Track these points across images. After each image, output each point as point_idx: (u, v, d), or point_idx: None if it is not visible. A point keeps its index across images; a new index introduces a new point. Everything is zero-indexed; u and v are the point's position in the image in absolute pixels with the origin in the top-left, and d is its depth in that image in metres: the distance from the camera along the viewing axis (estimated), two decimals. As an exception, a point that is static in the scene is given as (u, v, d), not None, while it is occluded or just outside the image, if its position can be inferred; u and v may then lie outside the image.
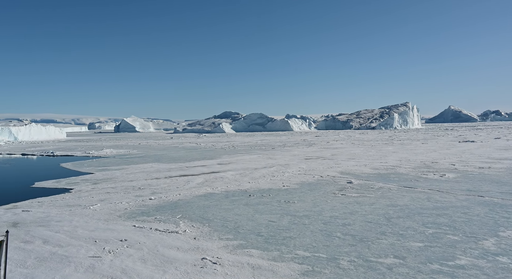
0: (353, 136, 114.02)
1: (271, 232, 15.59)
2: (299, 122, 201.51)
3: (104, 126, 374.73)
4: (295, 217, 18.11)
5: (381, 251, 13.01)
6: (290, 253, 13.04)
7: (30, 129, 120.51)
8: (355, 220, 17.20)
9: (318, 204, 20.96)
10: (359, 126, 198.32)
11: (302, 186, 27.07)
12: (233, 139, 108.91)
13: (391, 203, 20.71)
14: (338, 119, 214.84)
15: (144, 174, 35.35)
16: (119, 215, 19.43)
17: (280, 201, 21.86)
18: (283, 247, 13.73)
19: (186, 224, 17.24)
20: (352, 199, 22.16)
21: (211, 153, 60.38)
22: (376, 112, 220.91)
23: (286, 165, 40.43)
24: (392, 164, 39.88)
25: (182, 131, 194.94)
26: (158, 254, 13.36)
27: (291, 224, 16.86)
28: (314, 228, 16.11)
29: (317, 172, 34.72)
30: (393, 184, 27.03)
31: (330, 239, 14.47)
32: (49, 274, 11.81)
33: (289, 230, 15.82)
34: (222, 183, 29.41)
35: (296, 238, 14.69)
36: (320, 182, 28.72)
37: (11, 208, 21.66)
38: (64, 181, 32.33)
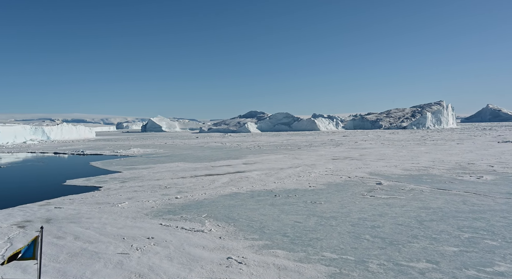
0: (382, 136, 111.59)
1: (297, 233, 15.53)
2: (326, 121, 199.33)
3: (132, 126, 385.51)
4: (322, 218, 17.96)
5: (413, 255, 12.68)
6: (316, 255, 12.95)
7: (62, 129, 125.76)
8: (385, 223, 16.85)
9: (346, 205, 20.68)
10: (389, 126, 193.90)
11: (329, 187, 26.79)
12: (259, 139, 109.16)
13: (424, 206, 20.13)
14: (367, 118, 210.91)
15: (170, 173, 36.08)
16: (146, 213, 19.94)
17: (306, 202, 21.73)
18: (309, 248, 13.66)
19: (211, 223, 17.47)
20: (382, 200, 21.71)
21: (236, 152, 60.79)
22: (408, 111, 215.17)
23: (313, 165, 40.12)
24: (424, 165, 38.74)
25: (208, 131, 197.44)
26: (184, 252, 13.61)
27: (318, 225, 16.73)
28: (341, 229, 15.91)
29: (344, 172, 34.24)
30: (426, 186, 26.25)
31: (358, 241, 14.25)
32: (80, 269, 12.29)
33: (315, 231, 15.71)
34: (247, 183, 29.57)
35: (323, 240, 14.57)
36: (348, 183, 28.31)
37: (44, 205, 22.69)
38: (94, 179, 33.51)
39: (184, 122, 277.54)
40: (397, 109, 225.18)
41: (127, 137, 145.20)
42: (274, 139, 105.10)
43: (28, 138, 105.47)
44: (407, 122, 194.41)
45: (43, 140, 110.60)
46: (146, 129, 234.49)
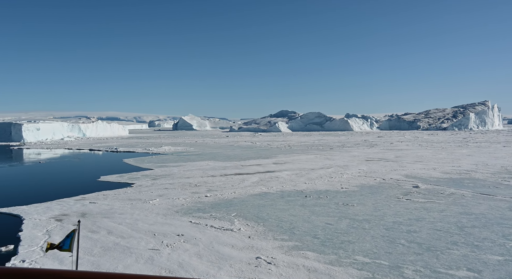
0: (420, 137, 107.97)
1: (328, 235, 15.36)
2: (360, 121, 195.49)
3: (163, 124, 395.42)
4: (354, 220, 17.65)
5: (452, 262, 12.20)
6: (348, 258, 12.76)
7: (97, 126, 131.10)
8: (422, 227, 16.32)
9: (380, 208, 20.22)
10: (427, 127, 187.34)
11: (362, 189, 26.27)
12: (289, 139, 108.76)
13: (465, 211, 19.32)
14: (404, 118, 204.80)
15: (200, 172, 36.70)
16: (177, 210, 20.41)
17: (338, 204, 21.44)
18: (340, 251, 13.47)
19: (240, 223, 17.62)
20: (419, 204, 21.03)
21: (267, 152, 60.88)
22: (448, 111, 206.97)
23: (345, 166, 39.49)
24: (466, 168, 37.14)
25: (238, 130, 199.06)
26: (213, 250, 13.82)
27: (350, 227, 16.47)
28: (375, 233, 15.57)
29: (379, 174, 33.46)
30: (467, 190, 25.16)
31: (393, 246, 13.89)
32: (113, 263, 12.78)
33: (347, 234, 15.47)
34: (277, 182, 29.56)
35: (355, 243, 14.33)
36: (382, 185, 27.64)
37: (80, 200, 23.76)
38: (126, 176, 34.68)
39: (214, 121, 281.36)
40: (437, 109, 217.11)
41: (159, 135, 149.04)
42: (305, 139, 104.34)
43: (65, 135, 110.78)
44: (448, 123, 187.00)
45: (79, 137, 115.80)
46: (177, 128, 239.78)
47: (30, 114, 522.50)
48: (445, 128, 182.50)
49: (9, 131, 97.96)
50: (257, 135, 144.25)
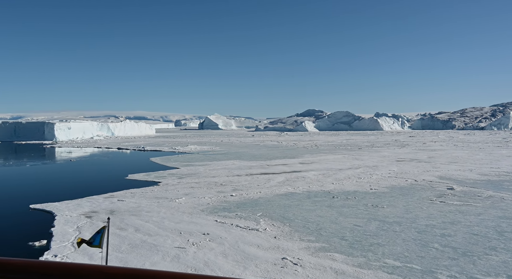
0: (455, 137, 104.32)
1: (357, 237, 15.09)
2: (390, 121, 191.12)
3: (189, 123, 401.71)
4: (384, 223, 17.25)
5: (491, 269, 11.69)
6: (378, 261, 12.48)
7: (125, 126, 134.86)
8: (457, 231, 15.73)
9: (412, 210, 19.67)
10: (463, 126, 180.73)
11: (393, 190, 25.66)
12: (316, 138, 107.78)
13: (505, 215, 18.48)
14: (438, 118, 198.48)
15: (226, 171, 36.98)
16: (202, 209, 20.65)
17: (367, 205, 21.03)
18: (369, 253, 13.20)
19: (266, 222, 17.60)
20: (454, 207, 20.31)
21: (293, 151, 60.58)
22: (487, 110, 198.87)
23: (374, 167, 38.70)
24: (506, 170, 35.54)
25: (264, 129, 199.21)
26: (239, 250, 13.88)
27: (379, 230, 16.11)
28: (406, 236, 15.16)
29: (410, 175, 32.58)
30: (508, 193, 24.06)
31: (425, 250, 13.47)
32: (140, 259, 13.08)
33: (377, 236, 15.14)
34: (303, 183, 29.35)
35: (385, 246, 14.00)
36: (414, 187, 26.89)
37: (108, 197, 24.49)
38: (153, 174, 35.43)
39: (240, 120, 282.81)
40: (474, 108, 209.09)
41: (185, 134, 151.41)
42: (332, 139, 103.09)
43: (95, 133, 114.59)
44: (486, 122, 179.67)
45: (108, 136, 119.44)
46: (203, 127, 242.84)
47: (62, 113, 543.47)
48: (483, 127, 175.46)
49: (43, 130, 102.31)
50: (283, 134, 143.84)
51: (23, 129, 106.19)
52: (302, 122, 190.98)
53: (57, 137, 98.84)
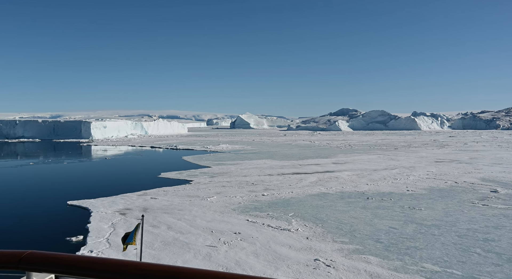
0: (500, 138, 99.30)
1: (392, 240, 14.71)
2: (429, 120, 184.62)
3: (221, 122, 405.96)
4: (422, 225, 16.71)
5: (538, 277, 11.05)
6: (415, 265, 12.10)
7: (158, 124, 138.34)
8: (502, 236, 14.98)
9: (451, 213, 18.92)
10: (508, 126, 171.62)
11: (431, 192, 24.80)
12: (350, 138, 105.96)
13: (554, 220, 17.40)
14: (480, 117, 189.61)
15: (257, 170, 37.10)
16: (234, 208, 20.84)
17: (404, 207, 20.45)
18: (406, 257, 12.82)
19: (298, 223, 17.51)
20: (498, 211, 19.35)
21: (326, 151, 59.87)
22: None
23: (411, 168, 37.56)
24: (555, 172, 33.44)
25: (296, 128, 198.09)
26: (270, 250, 13.89)
27: (417, 233, 15.62)
28: (445, 240, 14.61)
29: (450, 177, 31.35)
30: (557, 197, 22.65)
31: (467, 255, 12.92)
32: (172, 257, 13.39)
33: (414, 240, 14.69)
34: (337, 183, 28.94)
35: (422, 249, 13.55)
36: (454, 189, 25.86)
37: (142, 195, 25.22)
38: (185, 173, 36.13)
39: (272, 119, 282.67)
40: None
41: (217, 133, 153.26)
42: (367, 139, 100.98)
43: (129, 132, 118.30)
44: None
45: (141, 134, 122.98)
46: (234, 126, 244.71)
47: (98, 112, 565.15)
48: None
49: (80, 128, 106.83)
50: (316, 133, 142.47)
51: (62, 128, 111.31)
52: (335, 122, 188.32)
53: (93, 136, 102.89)
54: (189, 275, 1.90)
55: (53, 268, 2.13)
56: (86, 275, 2.08)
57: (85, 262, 2.11)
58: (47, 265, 2.14)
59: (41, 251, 2.19)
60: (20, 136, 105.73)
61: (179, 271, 1.94)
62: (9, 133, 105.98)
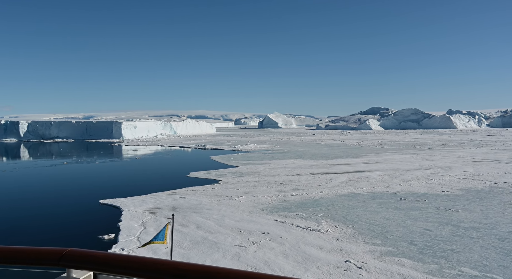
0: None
1: (427, 242, 14.27)
2: (465, 118, 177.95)
3: (249, 122, 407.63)
4: (459, 228, 16.11)
5: None
6: (452, 269, 11.68)
7: (187, 124, 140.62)
8: (546, 240, 14.22)
9: (491, 215, 18.14)
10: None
11: (468, 193, 23.88)
12: (381, 137, 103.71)
13: None
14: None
15: (285, 170, 36.98)
16: (262, 208, 20.86)
17: (439, 208, 19.79)
18: (442, 260, 12.40)
19: (328, 224, 17.31)
20: (542, 213, 18.37)
21: (356, 151, 58.89)
22: None
23: (447, 168, 36.31)
24: None
25: (325, 128, 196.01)
26: (300, 251, 13.80)
27: (453, 235, 15.08)
28: (485, 243, 14.02)
29: (489, 177, 30.07)
30: None
31: (508, 259, 12.34)
32: (201, 256, 13.56)
33: (450, 242, 14.19)
34: (368, 183, 28.40)
35: (460, 252, 13.07)
36: (494, 190, 24.78)
37: (171, 194, 25.70)
38: (214, 172, 36.52)
39: (300, 118, 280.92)
40: None
41: (245, 133, 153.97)
42: (399, 138, 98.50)
43: (158, 132, 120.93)
44: None
45: (170, 134, 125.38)
46: (262, 125, 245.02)
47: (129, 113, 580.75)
48: None
49: (111, 129, 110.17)
50: (346, 133, 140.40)
51: (94, 128, 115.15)
52: (366, 121, 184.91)
53: (123, 136, 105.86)
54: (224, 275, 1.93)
55: (91, 265, 2.21)
56: (123, 273, 2.15)
57: (122, 261, 2.18)
58: (86, 262, 2.23)
59: (80, 249, 2.28)
60: (55, 137, 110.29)
61: (215, 271, 1.97)
62: (45, 133, 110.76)
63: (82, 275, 2.28)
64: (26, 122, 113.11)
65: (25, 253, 2.31)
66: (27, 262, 2.28)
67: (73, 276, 2.27)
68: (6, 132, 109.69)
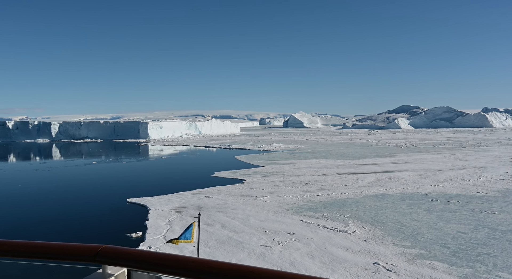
0: None
1: (461, 245, 13.78)
2: (502, 116, 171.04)
3: (273, 122, 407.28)
4: (496, 231, 15.49)
5: None
6: (488, 273, 11.23)
7: (211, 124, 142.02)
8: None
9: (531, 218, 17.34)
10: None
11: (506, 195, 22.93)
12: (411, 136, 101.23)
13: None
14: None
15: (311, 170, 36.68)
16: (287, 208, 20.76)
17: (474, 210, 19.10)
18: (478, 264, 11.95)
19: (355, 225, 17.03)
20: None
21: (384, 150, 57.73)
22: None
23: (482, 168, 35.00)
24: None
25: (352, 127, 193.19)
26: (326, 252, 13.64)
27: (490, 238, 14.50)
28: (524, 247, 13.40)
29: (528, 178, 28.76)
30: None
31: (549, 265, 11.76)
32: (226, 256, 13.64)
33: (486, 246, 13.65)
34: (397, 184, 27.77)
35: (497, 257, 12.55)
36: (534, 192, 23.68)
37: (196, 194, 25.99)
38: (238, 172, 36.67)
39: (326, 117, 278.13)
40: None
41: (269, 132, 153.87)
42: (430, 137, 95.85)
43: (183, 132, 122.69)
44: None
45: (195, 134, 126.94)
46: (287, 125, 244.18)
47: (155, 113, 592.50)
48: None
49: (137, 129, 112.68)
50: (373, 132, 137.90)
51: (121, 128, 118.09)
52: (394, 119, 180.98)
53: (150, 136, 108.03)
54: (257, 274, 1.94)
55: (126, 262, 2.28)
56: (157, 271, 2.21)
57: (156, 258, 2.24)
58: (120, 259, 2.30)
59: (115, 246, 2.35)
60: (84, 137, 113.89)
61: (248, 270, 1.99)
62: (75, 134, 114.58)
63: (117, 271, 2.35)
64: (57, 123, 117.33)
65: (63, 249, 2.42)
66: (65, 258, 2.38)
67: (108, 272, 2.35)
68: (39, 133, 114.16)
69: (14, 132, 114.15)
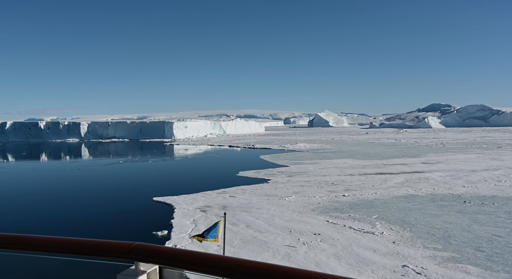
0: None
1: (496, 249, 13.27)
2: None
3: (298, 121, 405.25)
4: (534, 235, 14.82)
5: None
6: (525, 279, 10.77)
7: (236, 124, 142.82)
8: None
9: None
10: None
11: (545, 197, 21.91)
12: (442, 135, 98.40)
13: None
14: None
15: (337, 170, 36.24)
16: (313, 208, 20.59)
17: (510, 213, 18.35)
18: (514, 270, 11.47)
19: (383, 226, 16.70)
20: None
21: (414, 150, 56.36)
22: None
23: (519, 169, 33.59)
24: None
25: (379, 126, 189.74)
26: (353, 253, 13.44)
27: (527, 243, 13.88)
28: None
29: None
30: None
31: None
32: (251, 255, 13.66)
33: (524, 250, 13.08)
34: (427, 184, 27.04)
35: (535, 262, 12.00)
36: None
37: (221, 193, 26.18)
38: (263, 172, 36.68)
39: (352, 117, 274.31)
40: None
41: (294, 132, 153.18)
42: (463, 136, 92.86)
43: (208, 132, 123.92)
44: None
45: (220, 134, 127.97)
46: (312, 124, 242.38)
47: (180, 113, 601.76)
48: None
49: (163, 129, 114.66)
50: (402, 131, 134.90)
51: (147, 128, 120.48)
52: (424, 118, 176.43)
53: (175, 135, 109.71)
54: (289, 274, 1.95)
55: (158, 259, 2.34)
56: (187, 268, 2.26)
57: (188, 256, 2.29)
58: (153, 256, 2.37)
59: (147, 243, 2.41)
60: (112, 136, 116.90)
61: (279, 270, 2.00)
62: (103, 133, 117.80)
63: (149, 269, 2.43)
64: (86, 123, 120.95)
65: (98, 246, 2.52)
66: (100, 254, 2.49)
67: (140, 269, 2.42)
68: (69, 133, 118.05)
69: (45, 132, 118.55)
